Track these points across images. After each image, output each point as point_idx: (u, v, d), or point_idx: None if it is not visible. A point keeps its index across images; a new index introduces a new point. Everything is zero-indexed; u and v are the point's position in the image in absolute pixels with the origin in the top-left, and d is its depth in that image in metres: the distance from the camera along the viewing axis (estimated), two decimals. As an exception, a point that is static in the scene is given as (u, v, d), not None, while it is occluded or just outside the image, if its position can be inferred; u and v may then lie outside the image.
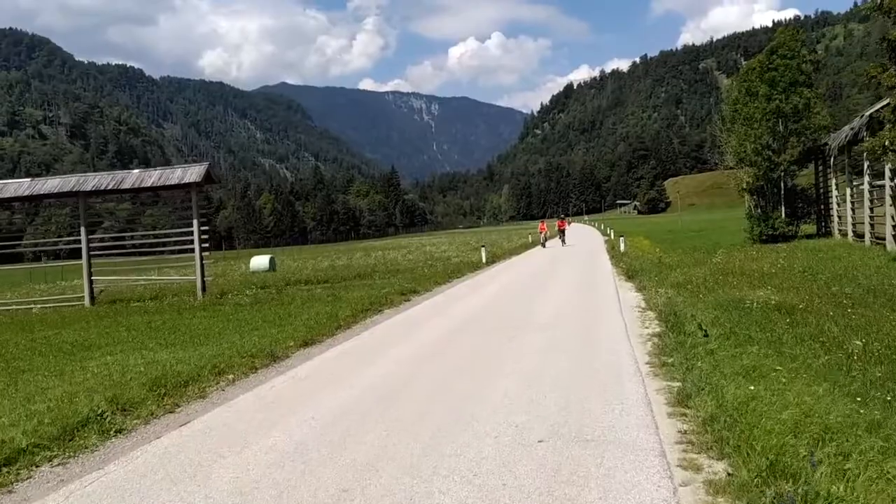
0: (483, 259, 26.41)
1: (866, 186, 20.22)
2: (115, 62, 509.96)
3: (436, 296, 15.27)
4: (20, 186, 20.56)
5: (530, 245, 38.70)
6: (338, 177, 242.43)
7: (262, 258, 36.20)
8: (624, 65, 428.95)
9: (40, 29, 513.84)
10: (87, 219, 20.76)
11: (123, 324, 13.80)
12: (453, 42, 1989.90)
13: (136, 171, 20.67)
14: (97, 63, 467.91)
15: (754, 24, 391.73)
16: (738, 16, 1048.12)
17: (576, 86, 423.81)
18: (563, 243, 36.33)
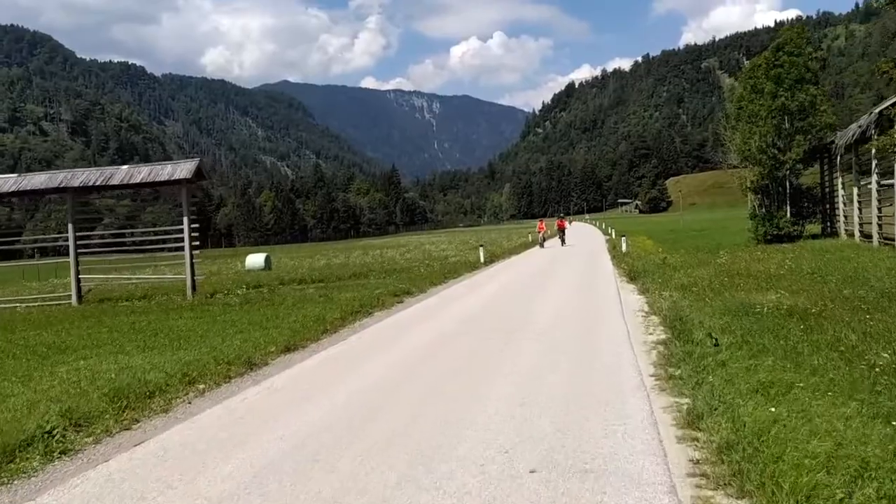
0: (481, 259, 25.90)
1: (874, 185, 19.71)
2: (117, 60, 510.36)
3: (430, 297, 14.73)
4: (6, 182, 20.12)
5: (530, 244, 38.02)
6: (338, 175, 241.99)
7: (258, 256, 35.69)
8: (625, 64, 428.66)
9: (43, 27, 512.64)
10: (74, 215, 20.30)
11: (107, 324, 13.44)
12: (455, 41, 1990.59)
13: (124, 168, 20.17)
14: (99, 60, 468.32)
15: (756, 25, 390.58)
16: (739, 16, 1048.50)
17: (577, 85, 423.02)
18: (563, 244, 35.06)
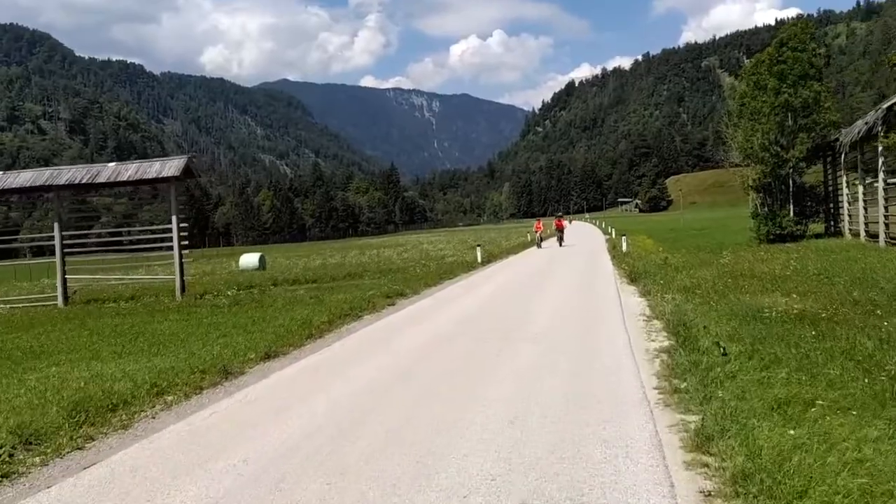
0: (479, 259, 25.42)
1: (881, 184, 19.27)
2: (116, 58, 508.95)
3: (423, 299, 14.22)
4: (-11, 180, 19.61)
5: (529, 244, 37.46)
6: (337, 173, 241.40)
7: (252, 256, 35.22)
8: (626, 63, 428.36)
9: (43, 27, 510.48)
10: (62, 214, 19.86)
11: (89, 327, 13.06)
12: (455, 40, 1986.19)
13: (111, 165, 19.69)
14: (98, 59, 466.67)
15: (756, 23, 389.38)
16: (739, 14, 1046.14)
17: (577, 83, 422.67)
18: (561, 244, 33.70)
